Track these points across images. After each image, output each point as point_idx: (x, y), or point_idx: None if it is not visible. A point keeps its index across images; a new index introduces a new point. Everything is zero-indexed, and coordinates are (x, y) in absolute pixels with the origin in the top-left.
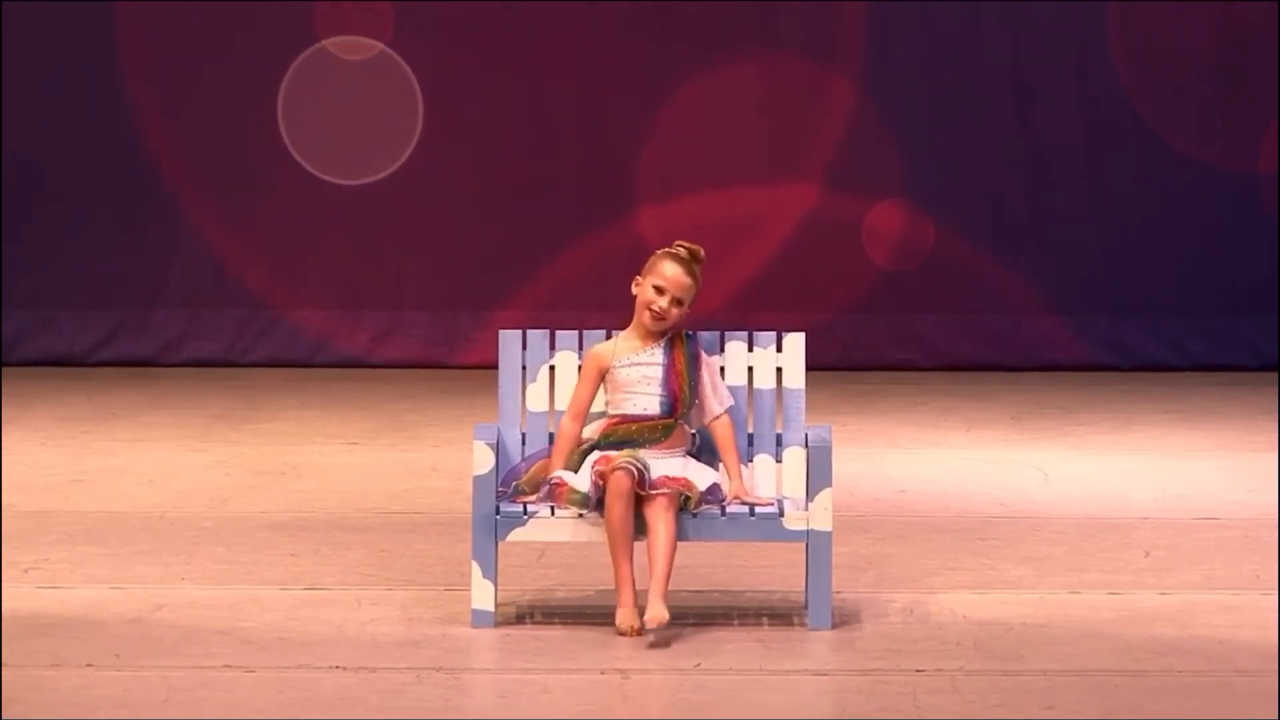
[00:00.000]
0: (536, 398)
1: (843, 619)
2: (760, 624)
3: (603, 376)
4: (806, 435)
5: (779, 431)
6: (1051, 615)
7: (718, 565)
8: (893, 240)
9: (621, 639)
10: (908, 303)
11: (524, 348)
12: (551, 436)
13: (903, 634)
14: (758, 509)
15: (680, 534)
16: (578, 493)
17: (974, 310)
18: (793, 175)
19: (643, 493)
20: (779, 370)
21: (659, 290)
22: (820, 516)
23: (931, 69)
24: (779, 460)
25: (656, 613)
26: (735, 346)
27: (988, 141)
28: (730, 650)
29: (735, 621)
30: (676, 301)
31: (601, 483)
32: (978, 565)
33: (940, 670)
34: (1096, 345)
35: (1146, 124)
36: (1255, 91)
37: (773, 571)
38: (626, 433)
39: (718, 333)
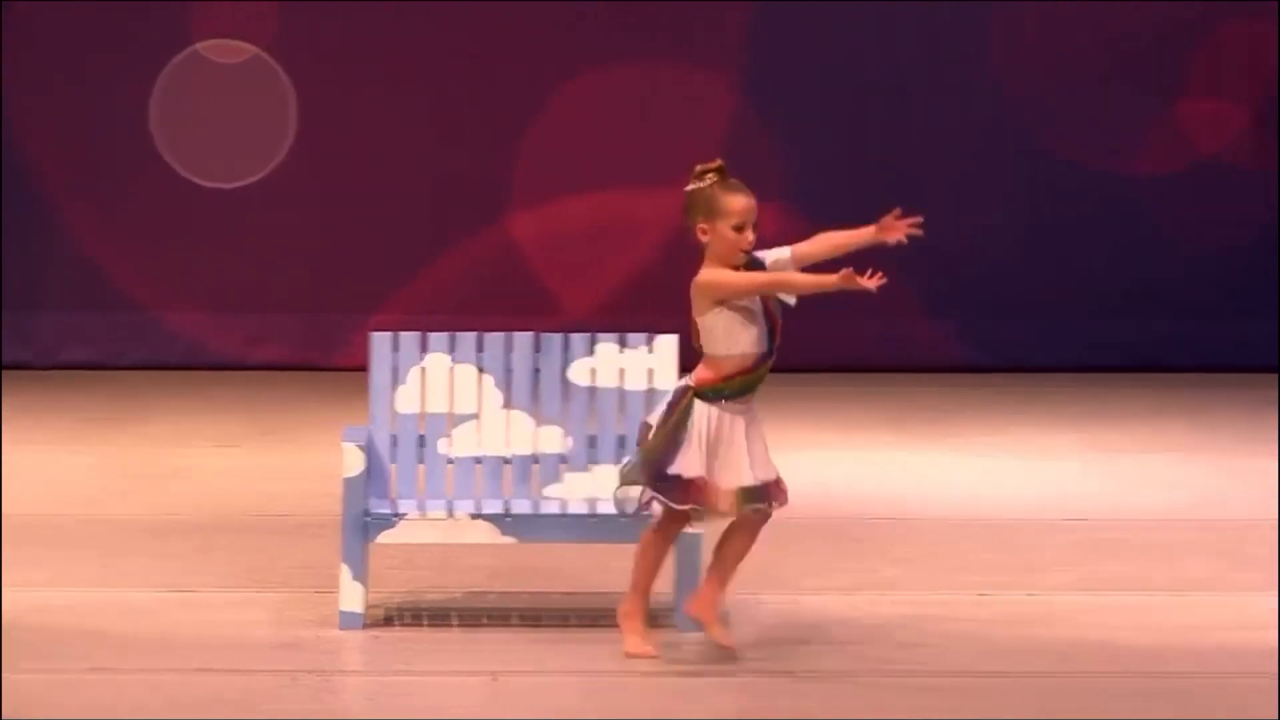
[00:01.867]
0: (407, 400)
1: None
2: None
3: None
4: None
5: None
6: (923, 617)
7: (587, 567)
8: (769, 243)
9: (494, 640)
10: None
11: (395, 350)
12: (422, 439)
13: (775, 635)
14: (627, 512)
15: (546, 534)
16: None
17: (853, 312)
18: (670, 179)
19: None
20: (650, 372)
21: (739, 228)
22: None
23: (811, 73)
24: None
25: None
26: (606, 348)
27: (865, 144)
28: (599, 652)
29: (602, 623)
30: (754, 226)
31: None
32: (851, 567)
33: (812, 671)
34: (972, 346)
35: (1021, 127)
36: (1130, 93)
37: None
38: (744, 383)
39: (590, 335)
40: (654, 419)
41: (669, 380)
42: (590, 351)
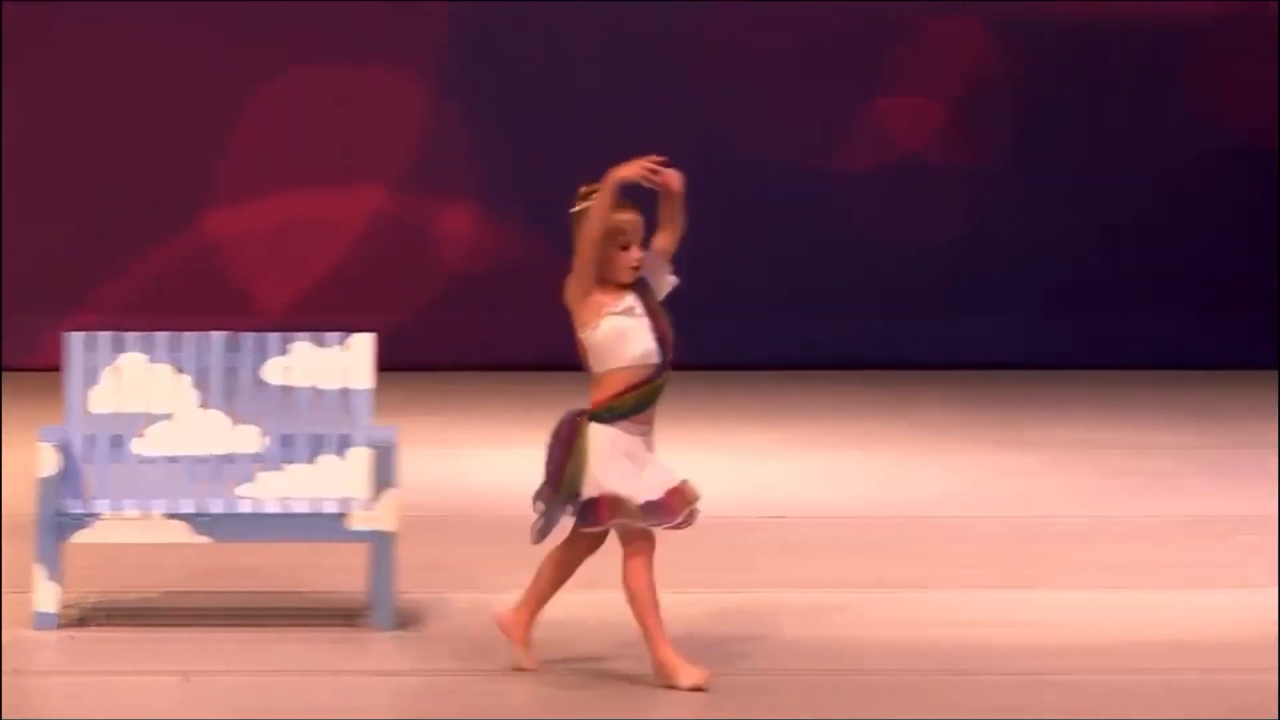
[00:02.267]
0: (100, 400)
1: (407, 620)
2: (325, 625)
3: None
4: (372, 436)
5: (344, 432)
6: (617, 613)
7: (281, 565)
8: (464, 241)
9: (187, 640)
10: (478, 303)
11: (90, 350)
12: (115, 439)
13: (467, 634)
14: (322, 511)
15: (240, 534)
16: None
17: (542, 309)
18: (365, 177)
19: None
20: (346, 371)
21: (624, 246)
22: (385, 517)
23: (509, 73)
24: (344, 461)
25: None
26: (301, 346)
27: (561, 144)
28: (295, 651)
29: (299, 622)
30: (640, 245)
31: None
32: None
33: (503, 670)
34: (677, 345)
35: (723, 125)
36: (831, 94)
37: (337, 572)
38: (639, 398)
39: (285, 334)
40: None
41: (364, 379)
42: (285, 351)
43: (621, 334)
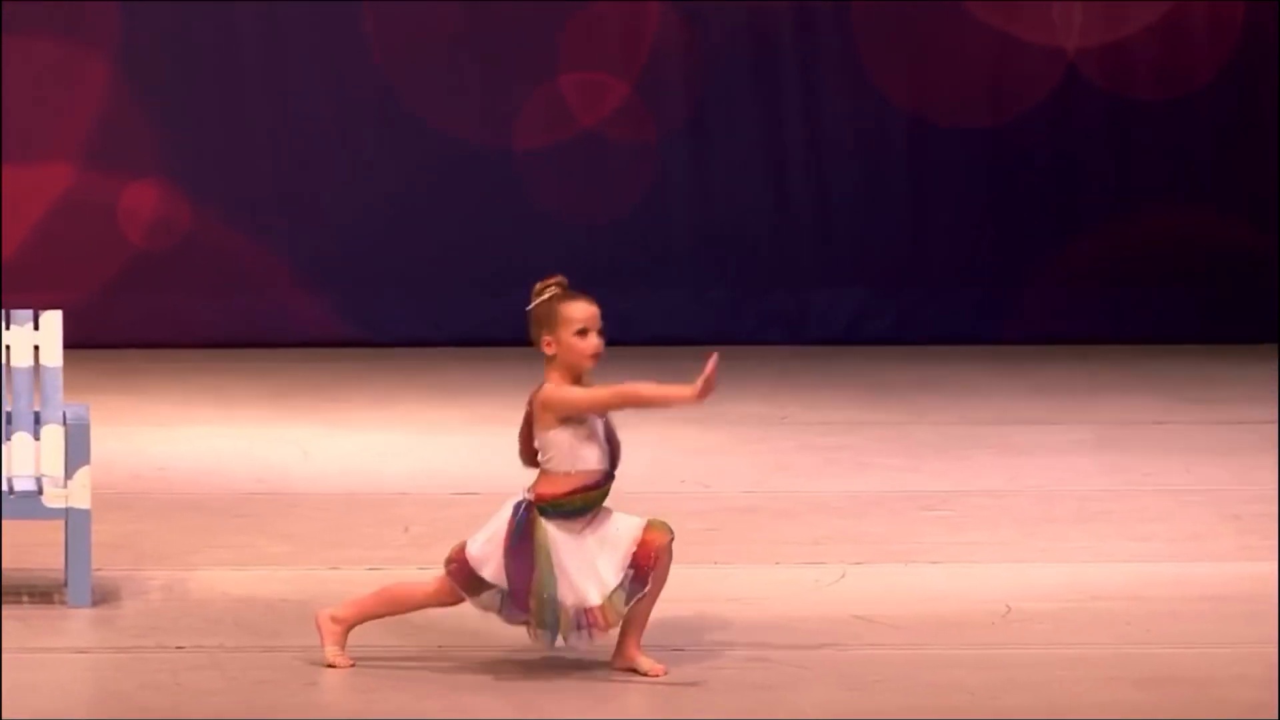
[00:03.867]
0: None
1: (103, 596)
2: (20, 602)
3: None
4: (65, 413)
5: (36, 409)
6: (311, 591)
7: None
8: (148, 219)
9: None
10: (163, 280)
11: None
12: None
13: (163, 611)
14: (16, 489)
15: None
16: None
17: (230, 287)
18: (47, 155)
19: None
20: (36, 348)
21: (583, 333)
22: (79, 494)
23: (186, 50)
24: (37, 438)
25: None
26: None
27: (243, 122)
28: (11, 629)
29: (21, 600)
30: (600, 333)
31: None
32: (237, 542)
33: (200, 647)
34: (353, 321)
35: (402, 104)
36: (507, 72)
37: (32, 549)
38: (585, 501)
39: None
40: (478, 544)
41: (55, 357)
42: None
43: (574, 440)
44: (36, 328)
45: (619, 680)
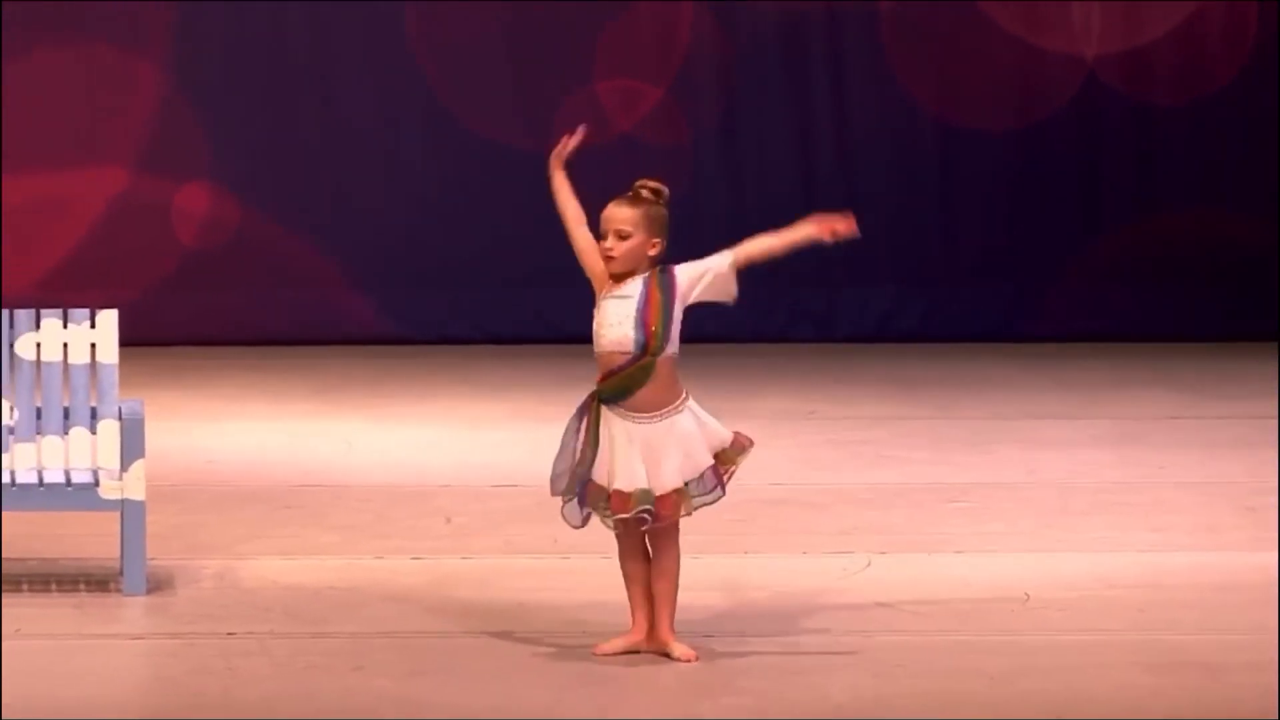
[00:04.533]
0: None
1: (157, 585)
2: (78, 590)
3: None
4: (120, 409)
5: (93, 405)
6: (357, 580)
7: (35, 534)
8: (200, 220)
9: None
10: (214, 279)
11: None
12: None
13: (214, 598)
14: (74, 481)
15: None
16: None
17: (279, 286)
18: (103, 158)
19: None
20: (93, 346)
21: (602, 235)
22: (134, 486)
23: (238, 56)
24: (94, 433)
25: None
26: (50, 324)
27: (291, 125)
28: (49, 616)
29: (53, 588)
30: (619, 235)
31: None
32: (286, 532)
33: (250, 633)
34: (397, 319)
35: (444, 107)
36: (545, 78)
37: (89, 539)
38: (617, 385)
39: (33, 311)
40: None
41: (111, 355)
42: (35, 327)
43: (599, 317)
44: (93, 326)
45: (652, 665)
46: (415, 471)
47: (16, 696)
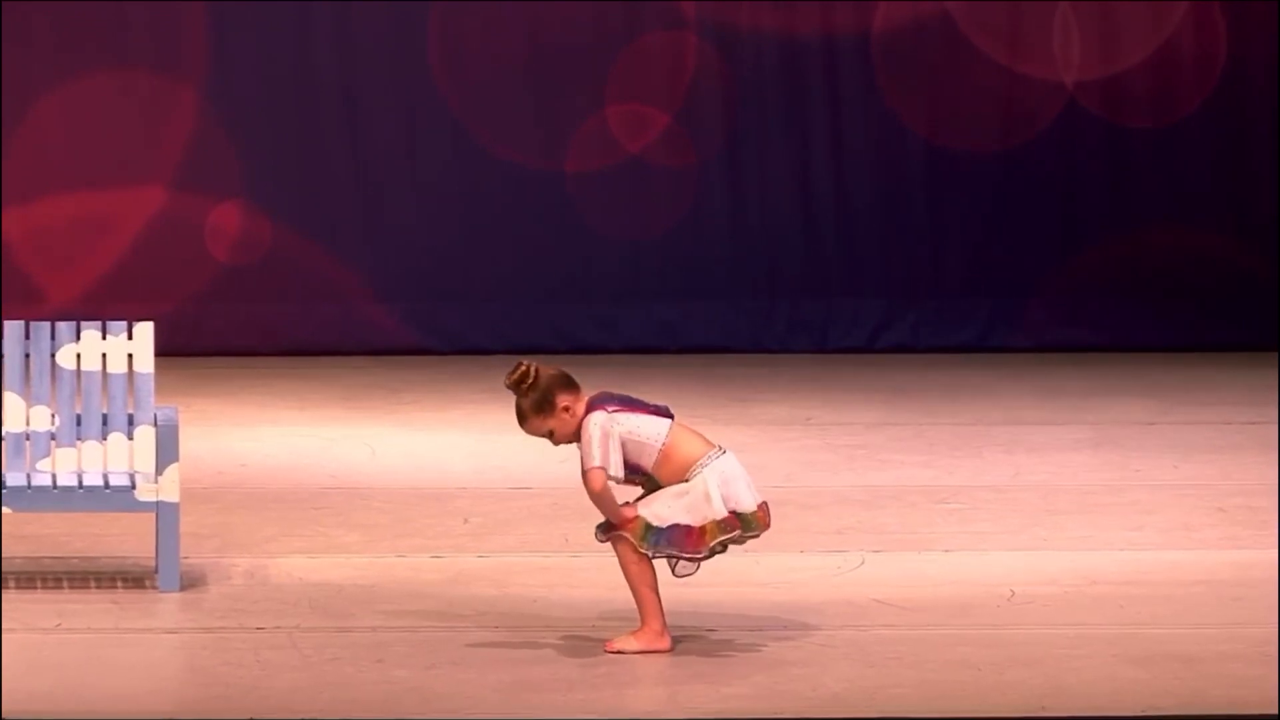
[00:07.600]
0: None
1: (190, 582)
2: (115, 587)
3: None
4: (156, 415)
5: (130, 412)
6: (379, 577)
7: (75, 534)
8: (233, 237)
9: None
10: (247, 293)
11: None
12: None
13: (245, 595)
14: (111, 484)
15: (39, 505)
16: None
17: (307, 299)
18: (142, 178)
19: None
20: (130, 356)
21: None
22: (169, 489)
23: (269, 83)
24: (131, 438)
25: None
26: (90, 335)
27: (320, 148)
28: (88, 611)
29: (92, 585)
30: (547, 437)
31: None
32: (312, 532)
33: (279, 627)
34: (420, 330)
35: (465, 130)
36: (560, 103)
37: (126, 539)
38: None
39: (74, 323)
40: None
41: (147, 364)
42: (76, 338)
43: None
44: (130, 337)
45: (657, 659)
46: (435, 474)
47: (58, 686)
